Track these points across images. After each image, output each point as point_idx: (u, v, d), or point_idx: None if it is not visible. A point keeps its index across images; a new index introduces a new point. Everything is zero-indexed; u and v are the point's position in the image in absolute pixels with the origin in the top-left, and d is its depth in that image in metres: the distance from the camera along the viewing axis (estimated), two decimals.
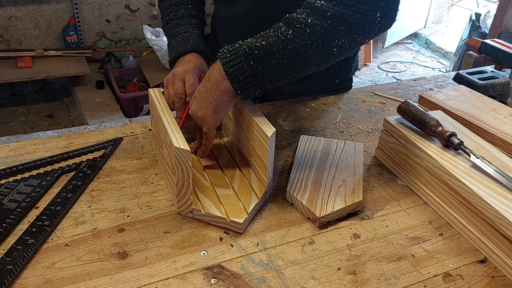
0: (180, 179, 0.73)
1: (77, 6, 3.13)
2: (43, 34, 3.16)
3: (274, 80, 0.78)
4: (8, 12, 3.01)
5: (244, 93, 0.77)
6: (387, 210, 0.82)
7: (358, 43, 0.79)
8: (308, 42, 0.75)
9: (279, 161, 0.94)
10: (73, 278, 0.65)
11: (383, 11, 0.75)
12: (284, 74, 0.78)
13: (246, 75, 0.76)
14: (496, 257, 0.71)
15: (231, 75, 0.76)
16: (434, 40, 4.75)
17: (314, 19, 0.75)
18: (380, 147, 0.95)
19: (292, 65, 0.77)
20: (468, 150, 0.79)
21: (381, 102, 1.21)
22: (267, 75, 0.76)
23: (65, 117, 3.13)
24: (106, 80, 3.20)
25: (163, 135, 0.79)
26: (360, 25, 0.75)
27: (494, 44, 1.45)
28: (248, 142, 0.85)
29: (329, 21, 0.74)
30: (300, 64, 0.77)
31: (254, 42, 0.76)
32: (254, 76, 0.76)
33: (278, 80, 0.78)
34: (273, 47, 0.75)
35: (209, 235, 0.74)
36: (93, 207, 0.78)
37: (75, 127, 1.03)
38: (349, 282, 0.67)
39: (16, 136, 0.98)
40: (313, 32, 0.75)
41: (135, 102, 2.95)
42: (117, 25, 3.36)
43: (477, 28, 3.37)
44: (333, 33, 0.75)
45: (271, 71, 0.76)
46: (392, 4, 0.77)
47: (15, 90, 3.24)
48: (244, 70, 0.75)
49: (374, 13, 0.75)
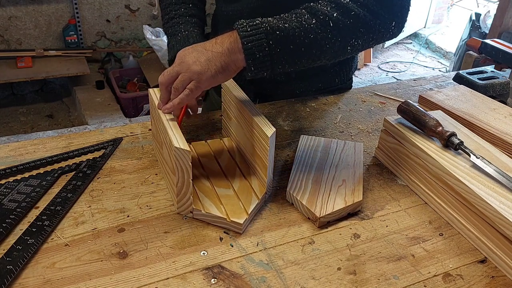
0: (180, 179, 0.73)
1: (77, 6, 3.13)
2: (43, 34, 3.16)
3: (287, 64, 0.78)
4: (8, 12, 3.01)
5: (256, 70, 0.77)
6: (387, 210, 0.82)
7: (369, 46, 0.82)
8: (328, 36, 0.77)
9: (279, 161, 0.94)
10: (73, 278, 0.65)
11: (397, 21, 0.80)
12: (297, 61, 0.78)
13: (263, 54, 0.75)
14: (496, 257, 0.71)
15: (248, 50, 0.74)
16: (434, 40, 4.75)
17: (339, 14, 0.76)
18: (380, 147, 0.95)
19: (308, 54, 0.78)
20: (468, 150, 0.79)
21: (381, 102, 1.21)
22: (282, 58, 0.77)
23: (65, 117, 3.13)
24: (106, 80, 3.20)
25: (163, 135, 0.79)
26: (376, 30, 0.79)
27: (494, 44, 1.45)
28: (248, 142, 0.85)
29: (352, 20, 0.77)
30: (315, 54, 0.78)
31: (276, 23, 0.76)
32: (270, 56, 0.75)
33: (290, 65, 0.78)
34: (295, 32, 0.76)
35: (209, 235, 0.74)
36: (93, 207, 0.78)
37: (75, 127, 1.03)
38: (349, 282, 0.67)
39: (16, 136, 0.98)
40: (335, 27, 0.77)
41: (135, 102, 2.95)
42: (117, 25, 3.36)
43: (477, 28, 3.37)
44: (352, 32, 0.78)
45: (287, 55, 0.77)
46: (405, 15, 0.82)
47: (15, 90, 3.24)
48: (262, 48, 0.75)
49: (391, 21, 0.80)
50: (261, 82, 0.99)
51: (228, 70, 0.77)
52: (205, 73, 0.76)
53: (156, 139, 0.90)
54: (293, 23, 0.76)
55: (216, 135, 1.02)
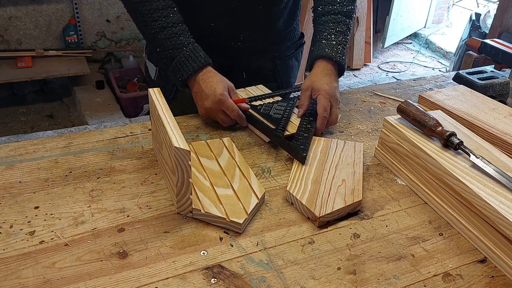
0: (180, 179, 0.73)
1: (77, 6, 3.13)
2: (43, 34, 3.16)
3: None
4: (8, 12, 3.01)
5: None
6: (387, 210, 0.82)
7: None
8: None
9: (279, 161, 0.94)
10: (73, 278, 0.65)
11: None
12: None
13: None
14: (496, 257, 0.71)
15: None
16: (434, 40, 4.75)
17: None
18: (380, 147, 0.95)
19: None
20: (468, 150, 0.79)
21: (381, 102, 1.21)
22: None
23: (65, 117, 3.13)
24: (106, 80, 3.20)
25: (163, 135, 0.79)
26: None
27: (494, 44, 1.45)
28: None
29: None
30: None
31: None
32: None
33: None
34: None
35: (209, 235, 0.74)
36: (93, 207, 0.78)
37: (75, 127, 1.03)
38: (349, 282, 0.67)
39: (16, 136, 0.98)
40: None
41: (135, 102, 2.95)
42: (117, 25, 3.36)
43: (477, 28, 3.37)
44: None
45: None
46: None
47: (15, 90, 3.24)
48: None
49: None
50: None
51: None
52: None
53: (156, 139, 0.90)
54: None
55: (216, 135, 1.02)
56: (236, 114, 1.01)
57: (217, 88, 1.00)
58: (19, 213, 0.76)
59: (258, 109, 1.07)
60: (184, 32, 1.04)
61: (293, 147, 0.91)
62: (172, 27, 1.02)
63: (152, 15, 1.01)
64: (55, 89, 3.34)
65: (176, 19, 1.03)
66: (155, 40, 1.04)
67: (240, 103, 1.04)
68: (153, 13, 1.01)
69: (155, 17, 1.01)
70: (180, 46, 1.02)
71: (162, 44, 1.03)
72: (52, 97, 3.29)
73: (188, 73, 1.02)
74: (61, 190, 0.82)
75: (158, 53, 1.06)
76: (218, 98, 1.00)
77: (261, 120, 1.02)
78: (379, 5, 4.17)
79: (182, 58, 1.02)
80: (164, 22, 1.02)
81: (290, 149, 0.93)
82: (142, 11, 1.02)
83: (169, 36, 1.02)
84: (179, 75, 1.03)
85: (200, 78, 1.02)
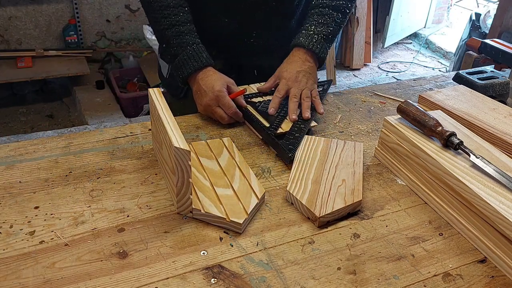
0: (180, 179, 0.73)
1: (77, 6, 3.13)
2: (43, 34, 3.16)
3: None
4: (8, 12, 3.01)
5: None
6: (387, 210, 0.82)
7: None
8: None
9: (279, 161, 0.94)
10: (73, 278, 0.65)
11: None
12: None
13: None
14: (496, 257, 0.71)
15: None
16: (434, 40, 4.75)
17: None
18: (380, 147, 0.95)
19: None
20: (468, 150, 0.79)
21: (381, 102, 1.21)
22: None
23: (65, 117, 3.13)
24: (106, 80, 3.20)
25: (162, 135, 0.79)
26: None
27: (494, 44, 1.45)
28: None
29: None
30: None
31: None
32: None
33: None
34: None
35: (209, 235, 0.74)
36: (93, 207, 0.78)
37: (75, 127, 1.03)
38: (349, 282, 0.67)
39: (16, 136, 0.98)
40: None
41: (135, 102, 2.95)
42: (117, 25, 3.36)
43: (477, 28, 3.37)
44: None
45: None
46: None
47: (15, 90, 3.23)
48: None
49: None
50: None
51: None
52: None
53: (156, 139, 0.90)
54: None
55: (216, 135, 1.02)
56: (232, 111, 1.02)
57: (215, 85, 1.02)
58: (19, 213, 0.76)
59: (256, 106, 1.07)
60: (191, 32, 1.08)
61: (281, 147, 0.92)
62: (180, 26, 1.06)
63: (163, 12, 1.07)
64: (55, 89, 3.34)
65: (185, 18, 1.07)
66: (163, 36, 1.09)
67: (238, 100, 1.05)
68: (164, 10, 1.07)
69: (166, 14, 1.07)
70: (184, 44, 1.06)
71: (169, 41, 1.08)
72: (52, 97, 3.29)
73: (189, 71, 1.06)
74: (61, 190, 0.82)
75: (164, 48, 1.11)
76: (215, 95, 1.02)
77: (255, 117, 1.03)
78: (379, 5, 4.17)
79: (184, 56, 1.06)
80: (174, 20, 1.07)
81: (278, 148, 0.93)
82: (154, 7, 1.08)
83: (176, 34, 1.06)
84: (180, 72, 1.07)
85: (200, 77, 1.05)
